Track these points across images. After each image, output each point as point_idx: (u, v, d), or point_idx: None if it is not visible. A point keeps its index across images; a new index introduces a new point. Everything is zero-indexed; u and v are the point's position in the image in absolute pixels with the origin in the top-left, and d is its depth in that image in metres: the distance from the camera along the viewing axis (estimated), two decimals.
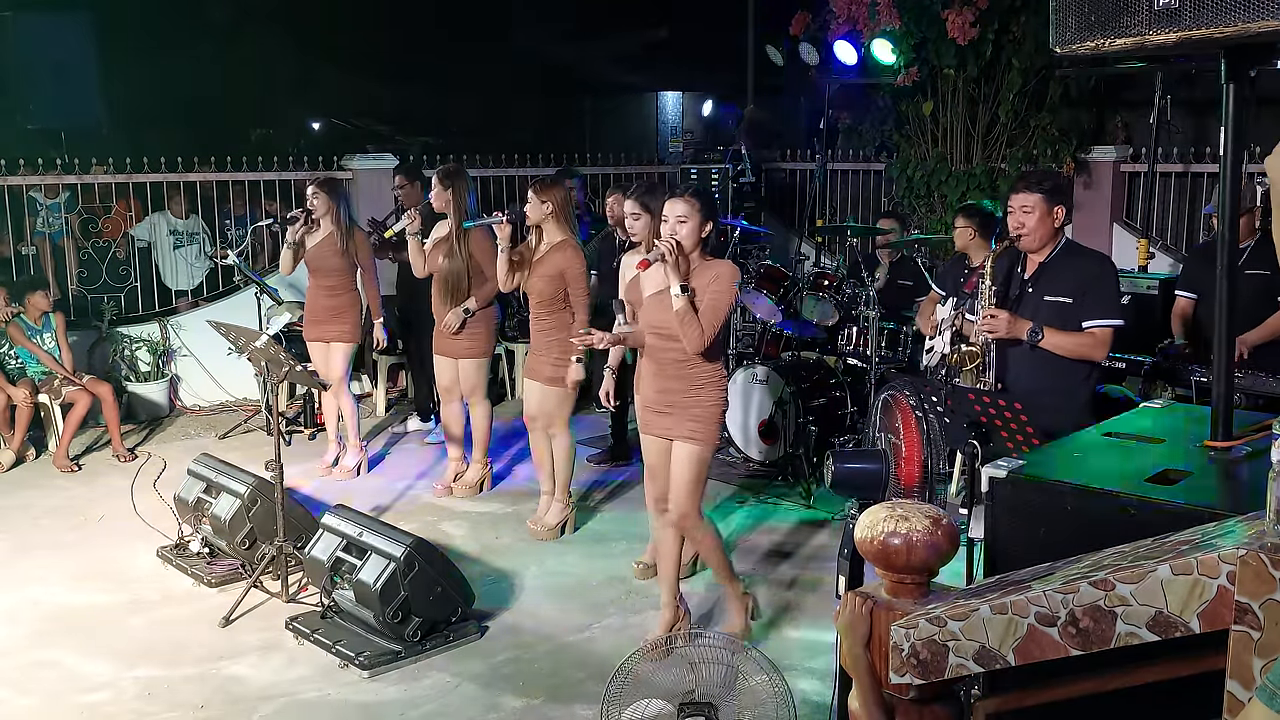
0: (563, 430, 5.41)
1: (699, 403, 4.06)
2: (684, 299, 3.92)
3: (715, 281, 3.98)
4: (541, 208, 5.24)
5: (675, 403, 4.08)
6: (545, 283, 5.24)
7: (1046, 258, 4.15)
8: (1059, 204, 4.11)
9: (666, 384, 4.10)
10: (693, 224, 3.97)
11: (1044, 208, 4.06)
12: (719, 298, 3.97)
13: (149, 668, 4.17)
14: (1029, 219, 4.07)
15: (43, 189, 7.85)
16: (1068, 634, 1.63)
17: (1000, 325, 4.07)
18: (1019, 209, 4.10)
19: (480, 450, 6.12)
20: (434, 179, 5.84)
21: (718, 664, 3.14)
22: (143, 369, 7.85)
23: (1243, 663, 1.45)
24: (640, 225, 4.59)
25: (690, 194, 4.04)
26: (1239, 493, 2.45)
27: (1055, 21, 2.58)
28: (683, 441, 4.08)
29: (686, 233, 3.96)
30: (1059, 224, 4.13)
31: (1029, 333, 4.02)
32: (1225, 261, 2.67)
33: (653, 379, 4.17)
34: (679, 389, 4.07)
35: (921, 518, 2.01)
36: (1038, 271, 4.16)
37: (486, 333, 5.94)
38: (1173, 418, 3.13)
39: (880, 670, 1.95)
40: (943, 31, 7.46)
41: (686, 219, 3.96)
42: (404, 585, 4.14)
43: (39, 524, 5.74)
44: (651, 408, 4.19)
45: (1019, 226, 4.09)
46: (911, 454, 4.42)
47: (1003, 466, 2.60)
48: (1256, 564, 1.43)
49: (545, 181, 5.40)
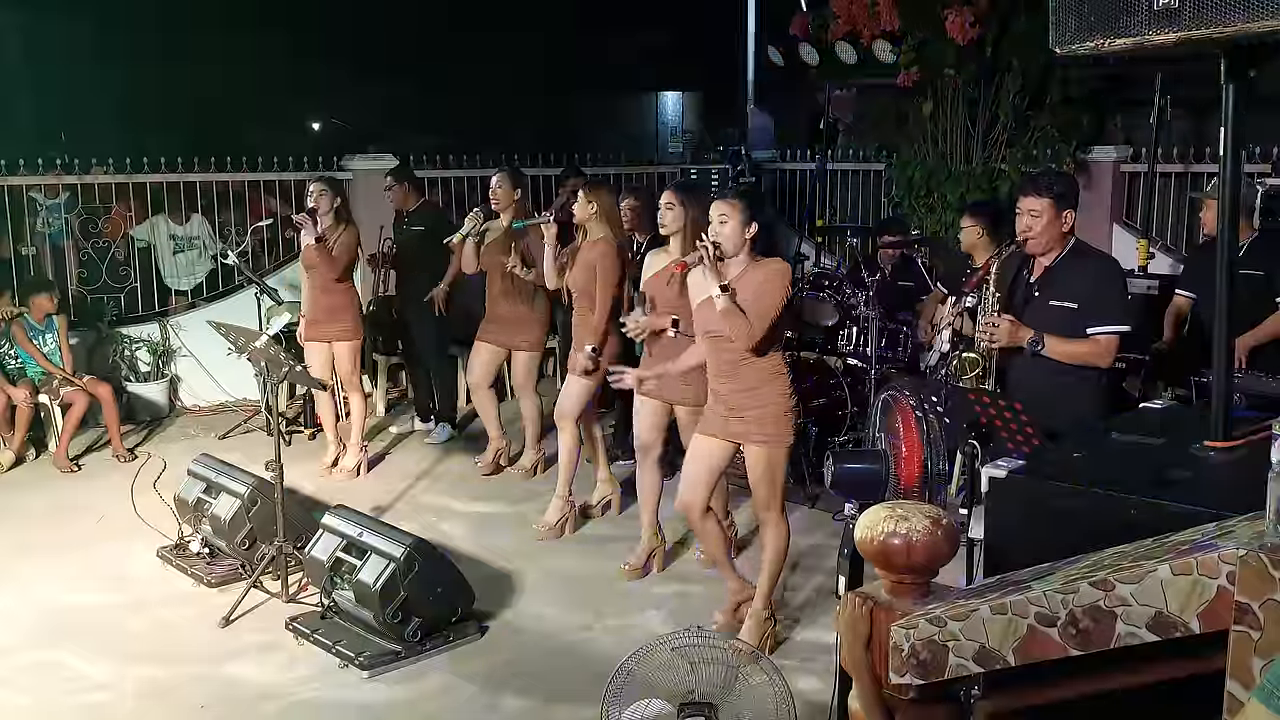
0: (570, 426, 5.44)
1: (764, 402, 4.03)
2: (725, 297, 3.92)
3: (765, 281, 3.98)
4: (589, 208, 5.31)
5: (739, 406, 4.06)
6: (583, 275, 5.32)
7: (1053, 261, 4.08)
8: (1068, 208, 4.04)
9: (726, 385, 4.09)
10: (733, 224, 3.97)
11: (1052, 212, 4.00)
12: (767, 294, 3.96)
13: (149, 668, 4.16)
14: (1037, 223, 4.01)
15: (43, 189, 7.85)
16: (1068, 634, 1.63)
17: (1002, 334, 4.04)
18: (1027, 212, 4.03)
19: (533, 438, 6.34)
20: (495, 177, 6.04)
21: (718, 664, 3.14)
22: (143, 369, 7.85)
23: (1243, 663, 1.45)
24: (671, 216, 4.64)
25: (732, 195, 4.10)
26: (1239, 493, 2.44)
27: (1055, 21, 2.57)
28: (753, 445, 4.07)
29: (727, 233, 3.97)
30: (1068, 228, 4.06)
31: (1029, 342, 3.98)
32: (1225, 261, 2.67)
33: (714, 381, 4.16)
34: (739, 389, 4.05)
35: (921, 518, 2.01)
36: (1044, 276, 4.10)
37: (541, 329, 6.17)
38: (1173, 418, 3.13)
39: (880, 670, 1.95)
40: (942, 31, 7.46)
41: (727, 219, 3.98)
42: (404, 585, 4.14)
43: (39, 524, 5.74)
44: (715, 410, 4.16)
45: (1026, 230, 4.04)
46: (911, 454, 4.41)
47: (1003, 466, 2.60)
48: (1256, 564, 1.44)
49: (595, 182, 5.59)
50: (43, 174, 7.73)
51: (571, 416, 5.41)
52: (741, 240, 4.00)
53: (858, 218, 9.09)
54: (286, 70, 12.97)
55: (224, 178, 8.24)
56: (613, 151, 9.82)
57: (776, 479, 4.11)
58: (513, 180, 6.03)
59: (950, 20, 7.34)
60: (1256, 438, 2.63)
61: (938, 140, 8.11)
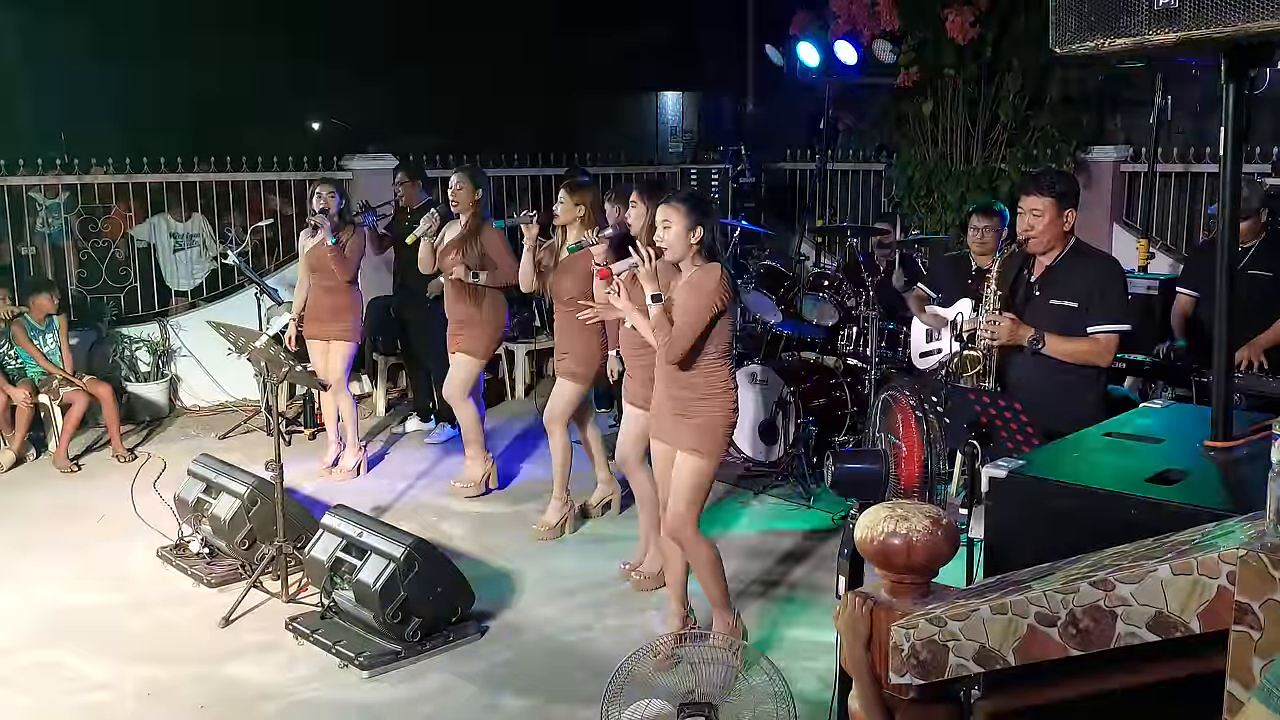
0: (559, 427, 5.41)
1: (702, 412, 3.94)
2: (657, 308, 3.83)
3: (695, 290, 3.84)
4: (575, 209, 5.24)
5: (680, 411, 3.97)
6: (575, 283, 5.21)
7: (1054, 260, 4.09)
8: (1070, 207, 4.04)
9: (667, 389, 4.02)
10: (677, 229, 3.83)
11: (1054, 211, 3.99)
12: (698, 304, 3.81)
13: (149, 668, 4.16)
14: (1038, 222, 4.01)
15: (43, 189, 7.85)
16: (1068, 634, 1.63)
17: (1003, 332, 4.04)
18: (1029, 211, 4.03)
19: (475, 448, 6.09)
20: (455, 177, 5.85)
21: (718, 664, 3.15)
22: (143, 369, 7.85)
23: (1243, 663, 1.45)
24: (634, 214, 4.56)
25: (678, 199, 3.91)
26: (1239, 493, 2.44)
27: (1055, 21, 2.57)
28: (685, 452, 3.98)
29: (670, 239, 3.84)
30: (1069, 227, 4.06)
31: (1030, 341, 3.98)
32: (1225, 262, 2.67)
33: (659, 383, 4.08)
34: (678, 394, 3.97)
35: (921, 518, 2.01)
36: (1044, 275, 4.11)
37: (489, 334, 5.95)
38: (1173, 418, 3.13)
39: (880, 670, 1.95)
40: (942, 31, 7.46)
41: (670, 224, 3.84)
42: (404, 585, 4.14)
43: (39, 524, 5.74)
44: (659, 413, 4.11)
45: (1028, 229, 4.03)
46: (911, 454, 4.42)
47: (1003, 466, 2.59)
48: (1257, 564, 1.43)
49: (578, 182, 5.44)
50: (43, 174, 7.73)
51: (561, 420, 5.39)
52: (686, 246, 3.85)
53: (858, 218, 9.10)
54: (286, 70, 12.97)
55: (224, 178, 8.24)
56: (613, 151, 9.82)
57: (700, 489, 3.98)
58: (473, 180, 5.83)
59: (950, 20, 7.34)
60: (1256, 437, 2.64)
61: (938, 140, 8.11)
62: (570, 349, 5.33)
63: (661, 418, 4.09)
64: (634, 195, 4.63)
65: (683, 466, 3.98)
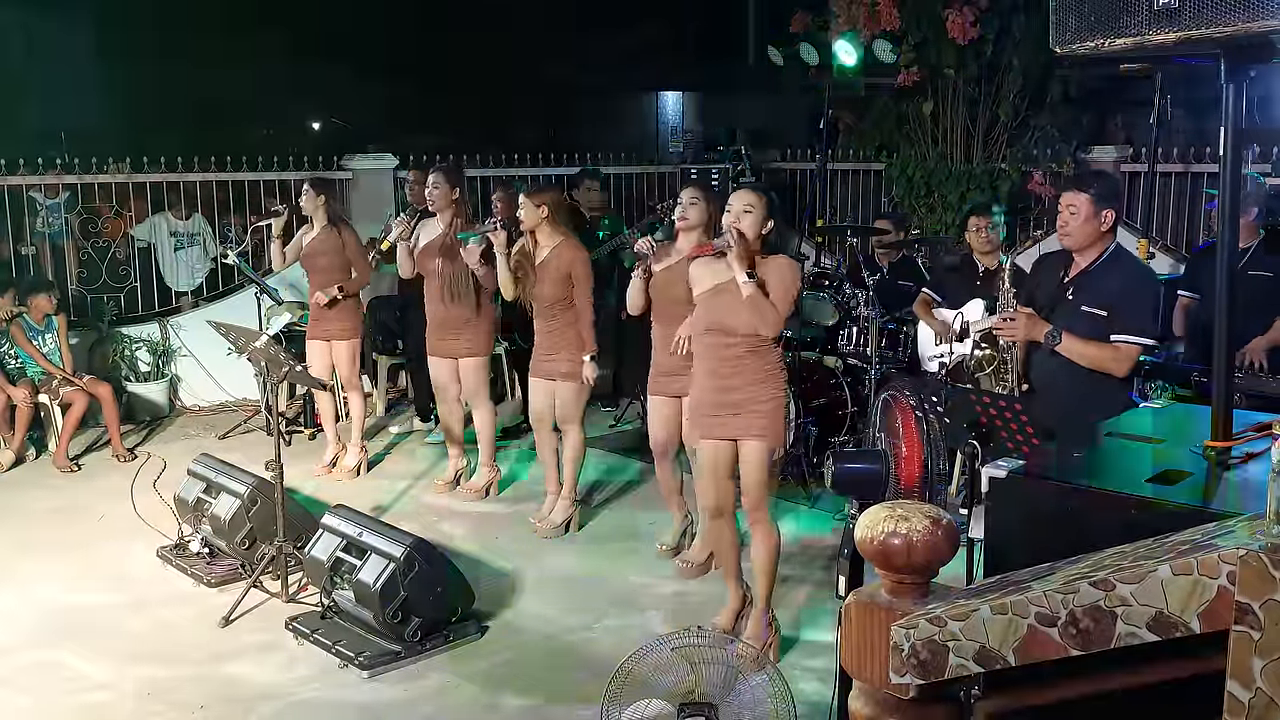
0: (576, 428, 5.44)
1: (761, 398, 4.02)
2: (753, 284, 3.92)
3: (781, 271, 3.99)
4: (537, 212, 5.26)
5: (738, 402, 4.03)
6: (554, 286, 5.26)
7: (1090, 264, 4.01)
8: (1108, 207, 3.95)
9: (725, 382, 4.04)
10: (757, 215, 3.96)
11: (1089, 209, 3.92)
12: (788, 284, 3.98)
13: (149, 668, 4.16)
14: (1073, 219, 3.96)
15: (43, 189, 7.85)
16: (1068, 634, 1.63)
17: (1018, 329, 4.01)
18: (1065, 208, 4.00)
19: (487, 454, 6.08)
20: (432, 177, 5.81)
21: (718, 664, 3.14)
22: (143, 369, 7.85)
23: (1243, 663, 1.45)
24: (696, 211, 4.59)
25: (761, 189, 4.11)
26: (1239, 493, 2.45)
27: (1055, 21, 2.57)
28: (752, 440, 4.03)
29: (749, 224, 3.96)
30: (1106, 228, 3.97)
31: (1047, 335, 3.93)
32: (1225, 262, 2.67)
33: (709, 379, 4.10)
34: (739, 385, 4.02)
35: (921, 518, 2.01)
36: (1078, 278, 4.03)
37: (487, 332, 5.93)
38: (1173, 418, 3.13)
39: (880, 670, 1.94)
40: (943, 31, 7.46)
41: (753, 209, 3.97)
42: (404, 585, 4.14)
43: (39, 524, 5.74)
44: (709, 412, 4.10)
45: (1063, 225, 4.00)
46: (911, 454, 4.42)
47: (1003, 466, 2.59)
48: (1257, 564, 1.43)
49: (537, 186, 5.46)
50: (43, 174, 7.73)
51: (576, 421, 5.43)
52: (759, 234, 3.99)
53: (858, 218, 9.10)
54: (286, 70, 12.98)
55: (224, 177, 8.24)
56: (613, 151, 9.82)
57: (771, 473, 4.12)
58: (449, 179, 5.78)
59: (950, 20, 7.35)
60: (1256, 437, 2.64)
61: (938, 140, 8.12)
62: (560, 349, 5.33)
63: (711, 416, 4.11)
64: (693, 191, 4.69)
65: (752, 456, 4.05)
